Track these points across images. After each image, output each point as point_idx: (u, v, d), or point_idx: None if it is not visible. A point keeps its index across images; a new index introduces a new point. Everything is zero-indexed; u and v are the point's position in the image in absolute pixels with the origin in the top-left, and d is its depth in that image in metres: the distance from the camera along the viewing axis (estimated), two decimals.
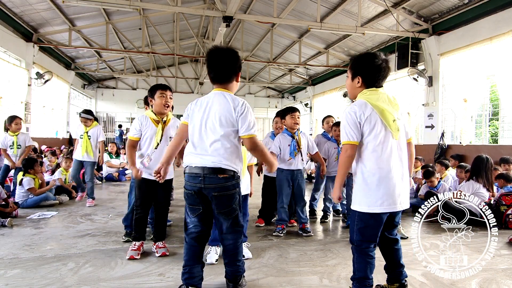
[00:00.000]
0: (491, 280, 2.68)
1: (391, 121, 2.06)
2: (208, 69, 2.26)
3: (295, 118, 3.94)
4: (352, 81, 2.19)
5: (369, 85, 2.13)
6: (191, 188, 2.18)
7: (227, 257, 2.30)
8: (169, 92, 3.18)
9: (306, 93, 15.97)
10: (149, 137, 3.12)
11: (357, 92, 2.17)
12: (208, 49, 2.29)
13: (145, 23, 10.67)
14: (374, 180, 2.04)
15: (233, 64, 2.23)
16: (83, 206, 5.25)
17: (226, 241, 2.27)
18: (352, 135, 2.05)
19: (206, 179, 2.13)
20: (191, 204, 2.22)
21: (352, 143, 2.05)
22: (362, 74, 2.13)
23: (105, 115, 18.03)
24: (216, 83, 2.26)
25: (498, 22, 6.67)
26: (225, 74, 2.23)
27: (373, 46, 10.42)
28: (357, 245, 2.15)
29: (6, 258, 2.97)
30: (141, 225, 3.16)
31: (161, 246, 3.13)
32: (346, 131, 2.07)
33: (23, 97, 9.49)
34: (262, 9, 10.21)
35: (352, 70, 2.19)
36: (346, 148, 2.07)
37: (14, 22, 8.85)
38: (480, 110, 7.47)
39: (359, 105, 2.08)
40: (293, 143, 3.94)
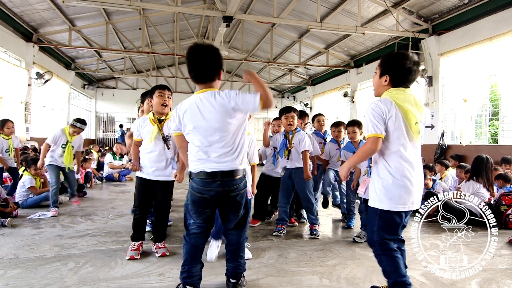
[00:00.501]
0: (491, 280, 2.68)
1: (413, 123, 2.04)
2: (189, 68, 2.18)
3: (288, 119, 3.90)
4: (380, 78, 2.16)
5: (396, 85, 2.10)
6: (206, 192, 2.14)
7: (230, 252, 2.34)
8: (167, 91, 3.17)
9: (306, 93, 15.97)
10: (145, 135, 3.13)
11: (383, 90, 2.14)
12: (188, 47, 2.20)
13: (145, 23, 10.67)
14: (398, 179, 2.02)
15: (215, 63, 2.17)
16: (83, 206, 5.25)
17: (231, 235, 2.32)
18: (378, 128, 2.00)
19: (224, 182, 2.13)
20: (201, 208, 2.18)
21: (378, 136, 2.00)
22: (390, 73, 2.10)
23: (105, 115, 18.04)
24: (199, 83, 2.20)
25: (498, 22, 6.67)
26: (207, 73, 2.17)
27: (373, 46, 10.43)
28: (381, 244, 2.09)
29: (6, 258, 2.97)
30: (140, 226, 3.16)
31: (161, 246, 3.13)
32: (372, 123, 2.02)
33: (23, 97, 9.48)
34: (262, 9, 10.21)
35: (381, 68, 2.16)
36: (372, 141, 2.01)
37: (14, 22, 8.85)
38: (480, 110, 7.47)
39: (384, 102, 2.05)
40: (283, 142, 3.94)
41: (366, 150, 2.05)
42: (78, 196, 5.93)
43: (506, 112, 6.92)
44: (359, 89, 11.59)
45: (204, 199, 2.15)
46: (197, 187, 2.16)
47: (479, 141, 7.68)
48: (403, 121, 2.02)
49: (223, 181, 2.13)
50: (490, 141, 8.11)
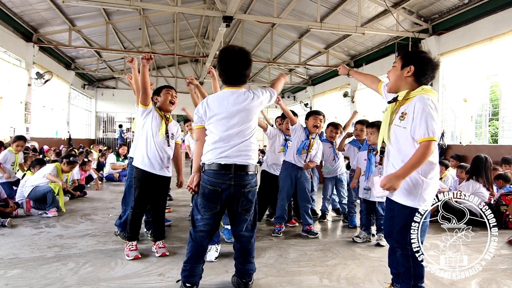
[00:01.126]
0: (491, 280, 2.69)
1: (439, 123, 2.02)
2: (222, 71, 2.24)
3: (316, 121, 3.90)
4: (402, 69, 2.06)
5: (418, 77, 2.03)
6: (217, 185, 2.13)
7: (242, 255, 2.32)
8: (174, 91, 3.28)
9: (306, 93, 15.97)
10: (155, 126, 3.08)
11: (403, 82, 2.06)
12: (221, 50, 2.27)
13: (145, 23, 10.67)
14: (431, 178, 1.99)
15: (248, 68, 2.25)
16: (83, 206, 5.26)
17: (244, 238, 2.29)
18: (435, 131, 1.88)
19: (237, 176, 2.14)
20: (210, 202, 2.16)
21: (435, 140, 1.89)
22: (416, 64, 2.02)
23: (105, 115, 18.04)
24: (230, 85, 2.26)
25: (498, 22, 6.67)
26: (241, 78, 2.25)
27: (373, 46, 10.43)
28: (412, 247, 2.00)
29: (6, 258, 2.97)
30: (137, 225, 3.14)
31: (161, 246, 3.13)
32: (433, 125, 1.87)
33: (23, 97, 9.48)
34: (262, 9, 10.21)
35: (403, 59, 2.08)
36: (429, 145, 1.87)
37: (14, 22, 8.85)
38: (480, 110, 7.47)
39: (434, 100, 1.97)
40: (305, 142, 3.90)
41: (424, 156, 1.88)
42: (78, 196, 5.95)
43: (506, 112, 6.92)
44: (359, 89, 11.60)
45: (215, 191, 2.14)
46: (208, 179, 2.15)
47: (479, 141, 7.68)
48: None
49: (237, 175, 2.13)
50: (490, 141, 8.11)
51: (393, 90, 2.14)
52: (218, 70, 2.30)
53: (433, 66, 2.04)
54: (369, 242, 3.65)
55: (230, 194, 2.16)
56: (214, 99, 2.24)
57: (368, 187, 3.61)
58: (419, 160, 1.89)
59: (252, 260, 2.36)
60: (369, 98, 11.09)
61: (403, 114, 2.00)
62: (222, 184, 2.13)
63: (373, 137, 3.57)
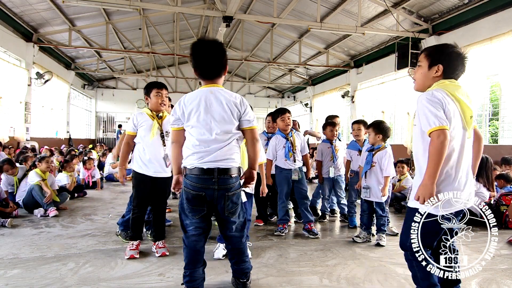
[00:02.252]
0: (491, 280, 2.68)
1: (468, 116, 1.86)
2: (196, 64, 2.16)
3: (285, 120, 3.94)
4: (429, 69, 1.93)
5: (447, 76, 1.90)
6: (200, 190, 2.07)
7: (235, 256, 2.29)
8: (164, 90, 3.19)
9: (306, 93, 15.97)
10: (145, 130, 3.09)
11: (431, 83, 1.93)
12: (193, 43, 2.16)
13: (145, 23, 10.67)
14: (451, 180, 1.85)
15: (222, 58, 2.16)
16: (83, 206, 5.26)
17: (234, 239, 2.25)
18: (441, 119, 1.74)
19: (220, 180, 2.08)
20: (195, 206, 2.10)
21: (443, 128, 1.73)
22: (444, 62, 1.88)
23: (105, 115, 18.04)
24: (205, 79, 2.19)
25: (498, 22, 6.66)
26: (215, 70, 2.16)
27: (373, 46, 10.43)
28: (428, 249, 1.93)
29: (6, 258, 2.97)
30: (139, 225, 3.15)
31: (161, 246, 3.13)
32: (431, 115, 1.76)
33: (22, 97, 9.48)
34: (262, 9, 10.20)
35: (429, 58, 1.93)
36: (438, 134, 1.73)
37: (14, 22, 8.85)
38: (480, 110, 7.47)
39: (439, 92, 1.82)
40: (288, 145, 3.94)
41: (438, 146, 1.73)
42: (78, 196, 5.96)
43: (506, 112, 6.92)
44: (359, 89, 11.60)
45: (198, 196, 2.09)
46: (191, 184, 2.09)
47: None
48: (460, 113, 1.83)
49: (220, 179, 2.08)
50: (490, 141, 8.11)
51: (421, 90, 2.00)
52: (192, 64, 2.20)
53: (462, 60, 1.91)
54: (369, 242, 3.65)
55: (214, 199, 2.10)
56: (190, 101, 2.13)
57: (367, 186, 3.63)
58: (434, 153, 1.75)
59: (246, 259, 2.32)
60: (369, 98, 11.09)
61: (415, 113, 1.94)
62: (206, 189, 2.08)
63: (370, 138, 3.70)
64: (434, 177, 1.77)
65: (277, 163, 4.04)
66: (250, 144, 2.22)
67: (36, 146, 9.61)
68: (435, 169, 1.76)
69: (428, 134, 1.78)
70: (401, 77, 9.50)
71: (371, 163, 3.62)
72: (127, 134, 3.16)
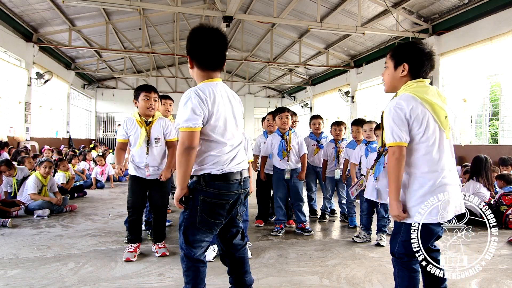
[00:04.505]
0: (491, 280, 2.69)
1: (443, 117, 1.81)
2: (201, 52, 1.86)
3: (283, 119, 3.95)
4: (395, 70, 1.89)
5: (415, 74, 1.86)
6: (229, 197, 1.85)
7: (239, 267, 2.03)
8: (153, 94, 3.10)
9: (306, 93, 15.97)
10: (134, 138, 3.10)
11: (400, 83, 1.89)
12: (195, 29, 1.88)
13: (145, 23, 10.66)
14: (428, 187, 1.78)
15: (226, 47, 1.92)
16: (83, 206, 5.25)
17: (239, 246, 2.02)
18: (399, 135, 1.75)
19: (244, 183, 1.92)
20: (217, 217, 1.85)
21: (400, 145, 1.76)
22: (409, 61, 1.84)
23: (105, 115, 18.04)
24: (210, 70, 1.91)
25: (498, 22, 6.66)
26: (221, 59, 1.91)
27: (373, 46, 10.42)
28: (399, 257, 1.88)
29: (6, 258, 2.97)
30: (136, 228, 3.12)
31: (161, 246, 3.13)
32: (392, 130, 1.77)
33: (22, 97, 9.47)
34: (262, 9, 10.20)
35: (394, 58, 1.89)
36: (393, 151, 1.77)
37: (14, 22, 8.84)
38: (480, 110, 7.46)
39: (405, 99, 1.78)
40: (282, 143, 3.95)
41: (393, 163, 1.77)
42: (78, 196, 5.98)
43: (506, 112, 6.92)
44: (359, 89, 11.59)
45: (226, 204, 1.86)
46: (219, 191, 1.83)
47: (479, 141, 7.68)
48: (432, 116, 1.79)
49: (244, 181, 1.92)
50: (490, 141, 8.11)
51: (391, 91, 1.96)
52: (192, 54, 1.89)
53: (429, 56, 1.86)
54: (369, 242, 3.66)
55: (235, 203, 1.92)
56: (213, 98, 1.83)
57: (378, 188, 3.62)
58: (390, 171, 1.78)
59: (248, 269, 2.08)
60: (369, 98, 11.09)
61: None
62: (234, 195, 1.88)
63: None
64: (396, 194, 1.80)
65: (274, 163, 4.04)
66: None
67: (36, 146, 9.61)
68: (394, 185, 1.79)
69: (387, 146, 1.80)
70: None
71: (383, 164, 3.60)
72: (118, 141, 3.19)
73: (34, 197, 4.66)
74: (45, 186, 4.88)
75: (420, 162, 1.80)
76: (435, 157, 1.79)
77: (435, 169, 1.79)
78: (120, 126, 3.20)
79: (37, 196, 4.69)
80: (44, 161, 5.05)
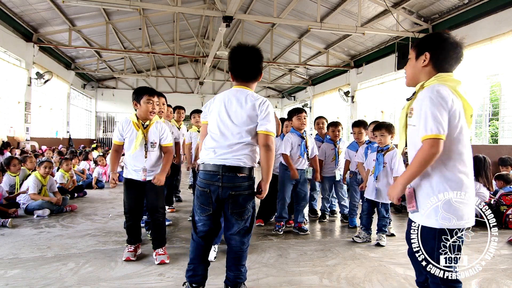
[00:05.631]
0: (491, 280, 2.68)
1: (469, 115, 1.67)
2: (234, 66, 2.27)
3: (301, 119, 3.99)
4: (417, 60, 1.75)
5: (438, 65, 1.70)
6: (206, 186, 2.10)
7: (231, 260, 2.21)
8: (156, 98, 3.03)
9: (306, 93, 15.97)
10: (129, 141, 2.98)
11: (422, 74, 1.74)
12: (234, 47, 2.30)
13: (145, 23, 10.66)
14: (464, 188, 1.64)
15: (260, 63, 2.29)
16: (83, 206, 5.25)
17: (233, 241, 2.18)
18: (441, 126, 1.55)
19: (224, 177, 2.06)
20: (202, 204, 2.13)
21: (440, 137, 1.55)
22: (431, 50, 1.69)
23: (105, 115, 18.05)
24: (240, 81, 2.27)
25: (498, 22, 6.66)
26: (252, 72, 2.25)
27: (373, 46, 10.42)
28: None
29: (6, 258, 2.97)
30: (134, 231, 3.05)
31: (161, 253, 2.96)
32: (432, 118, 1.56)
33: (22, 97, 9.48)
34: (262, 9, 10.20)
35: (417, 48, 1.76)
36: (432, 144, 1.55)
37: (14, 22, 8.84)
38: (480, 110, 7.47)
39: (444, 89, 1.60)
40: (303, 144, 3.98)
41: (427, 157, 1.57)
42: (78, 196, 5.98)
43: (506, 112, 6.92)
44: (359, 89, 11.59)
45: (204, 193, 2.11)
46: (200, 179, 2.15)
47: (479, 141, 7.68)
48: (462, 113, 1.63)
49: (224, 176, 2.06)
50: (490, 141, 8.11)
51: (412, 84, 1.83)
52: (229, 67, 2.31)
53: (454, 47, 1.69)
54: (369, 242, 3.66)
55: (219, 196, 2.09)
56: (215, 98, 2.29)
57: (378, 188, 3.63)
58: (420, 161, 1.60)
59: (242, 269, 2.21)
60: (369, 98, 11.09)
61: (411, 111, 1.72)
62: (211, 185, 2.09)
63: (383, 139, 3.65)
64: (408, 182, 1.69)
65: (283, 162, 4.02)
66: (260, 150, 2.15)
67: (37, 146, 9.61)
68: (414, 175, 1.65)
69: (422, 140, 1.60)
70: (401, 77, 9.49)
71: (383, 163, 3.65)
72: (113, 143, 3.08)
73: (34, 197, 4.66)
74: (44, 186, 4.88)
75: (455, 159, 1.64)
76: (468, 156, 1.67)
77: (468, 170, 1.67)
78: (116, 128, 3.08)
79: (37, 196, 4.69)
80: (44, 161, 5.06)
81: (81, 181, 6.88)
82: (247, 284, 2.32)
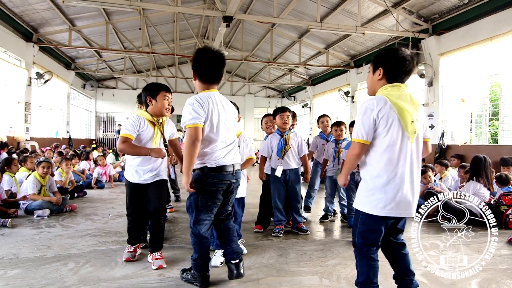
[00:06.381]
0: (491, 280, 2.68)
1: (409, 122, 1.94)
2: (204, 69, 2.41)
3: (284, 118, 3.92)
4: (373, 74, 2.09)
5: (391, 78, 2.02)
6: (221, 185, 2.39)
7: (225, 236, 2.54)
8: (170, 94, 3.04)
9: (306, 93, 15.97)
10: (147, 141, 2.89)
11: (378, 86, 2.07)
12: (201, 50, 2.49)
13: (145, 23, 10.67)
14: (380, 182, 1.97)
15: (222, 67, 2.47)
16: (83, 206, 5.25)
17: (222, 220, 2.56)
18: (363, 134, 1.96)
19: (236, 173, 2.46)
20: (214, 200, 2.40)
21: (361, 142, 1.98)
22: (384, 66, 2.02)
23: (105, 115, 18.05)
24: (211, 83, 2.45)
25: (498, 22, 6.66)
26: (220, 76, 2.47)
27: (373, 46, 10.42)
28: (359, 248, 2.11)
29: (6, 258, 2.97)
30: (135, 233, 3.04)
31: (158, 257, 2.85)
32: (359, 128, 1.98)
33: (22, 97, 9.48)
34: (262, 9, 10.20)
35: (373, 63, 2.10)
36: (355, 146, 2.01)
37: (14, 22, 8.85)
38: (480, 110, 7.46)
39: (377, 100, 1.96)
40: (281, 142, 3.93)
41: (350, 157, 2.06)
42: (78, 196, 5.98)
43: (506, 112, 6.92)
44: (359, 89, 11.59)
45: (220, 190, 2.41)
46: (212, 179, 2.35)
47: (479, 141, 7.68)
48: (398, 119, 1.93)
49: (236, 172, 2.46)
50: (490, 141, 8.11)
51: (371, 94, 2.14)
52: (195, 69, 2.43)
53: (405, 62, 1.99)
54: None
55: (228, 188, 2.47)
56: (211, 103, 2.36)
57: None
58: (348, 161, 2.08)
59: (235, 240, 2.54)
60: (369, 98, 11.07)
61: None
62: (226, 183, 2.42)
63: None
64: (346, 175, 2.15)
65: (272, 165, 4.01)
66: None
67: (37, 146, 9.61)
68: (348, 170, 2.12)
69: (352, 141, 2.05)
70: None
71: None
72: (125, 136, 2.79)
73: (34, 197, 4.66)
74: (44, 186, 4.88)
75: (378, 158, 1.98)
76: (393, 157, 1.95)
77: (390, 168, 1.95)
78: (129, 121, 2.88)
79: (37, 196, 4.69)
80: (42, 161, 5.05)
81: (81, 181, 6.87)
82: (247, 284, 2.32)
